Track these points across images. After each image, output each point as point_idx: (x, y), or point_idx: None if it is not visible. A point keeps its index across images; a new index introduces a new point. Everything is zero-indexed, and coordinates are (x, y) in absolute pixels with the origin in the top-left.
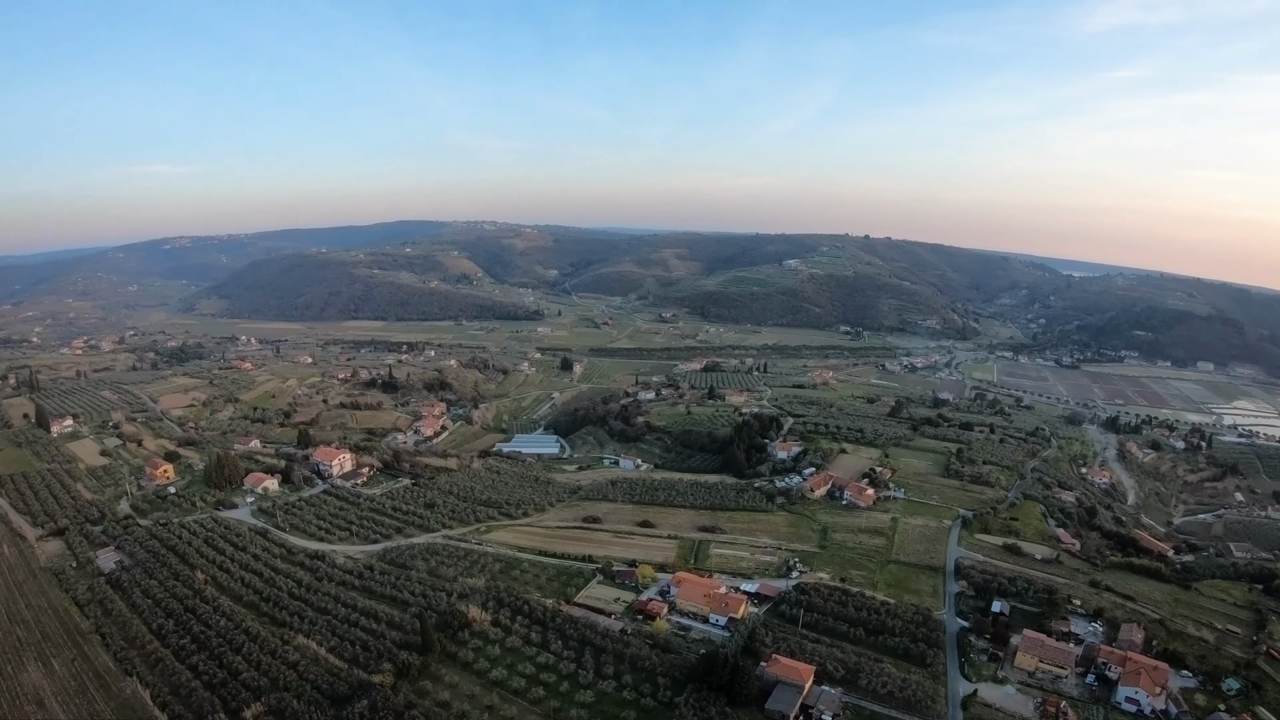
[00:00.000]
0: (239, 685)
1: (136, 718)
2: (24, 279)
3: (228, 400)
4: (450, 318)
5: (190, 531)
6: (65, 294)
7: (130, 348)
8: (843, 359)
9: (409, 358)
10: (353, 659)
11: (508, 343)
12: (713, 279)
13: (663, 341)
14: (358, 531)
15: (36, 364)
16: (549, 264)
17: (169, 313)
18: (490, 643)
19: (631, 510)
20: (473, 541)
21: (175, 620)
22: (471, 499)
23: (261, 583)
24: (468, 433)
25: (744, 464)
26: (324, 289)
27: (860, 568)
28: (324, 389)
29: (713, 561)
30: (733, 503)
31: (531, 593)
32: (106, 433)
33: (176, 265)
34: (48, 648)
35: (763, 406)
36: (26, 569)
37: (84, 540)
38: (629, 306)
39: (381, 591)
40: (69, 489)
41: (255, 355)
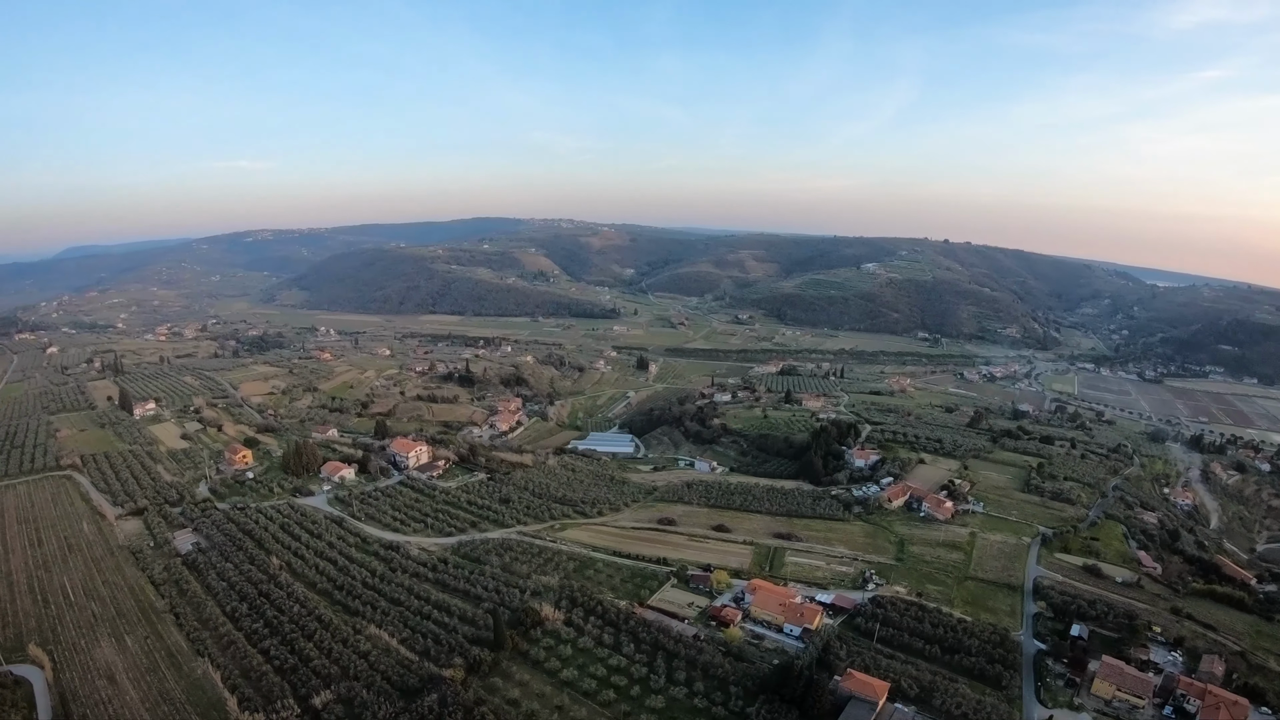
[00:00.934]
0: (309, 672)
1: (206, 698)
2: (110, 267)
3: (306, 389)
4: (527, 314)
5: (267, 517)
6: (150, 282)
7: (212, 335)
8: (920, 366)
9: (486, 353)
10: (424, 651)
11: (583, 340)
12: (790, 281)
13: (739, 343)
14: (432, 524)
15: (121, 349)
16: (625, 263)
17: (250, 303)
18: (562, 642)
19: (707, 514)
20: (547, 539)
21: (249, 604)
22: (546, 496)
23: (336, 570)
24: (543, 429)
25: (821, 471)
26: (402, 283)
27: (937, 583)
28: (401, 381)
29: (788, 570)
30: (809, 510)
31: (605, 593)
32: (187, 417)
33: (258, 257)
34: (122, 624)
35: (840, 412)
36: (105, 546)
37: (162, 521)
38: (705, 307)
39: (455, 585)
40: (149, 470)
41: (334, 346)
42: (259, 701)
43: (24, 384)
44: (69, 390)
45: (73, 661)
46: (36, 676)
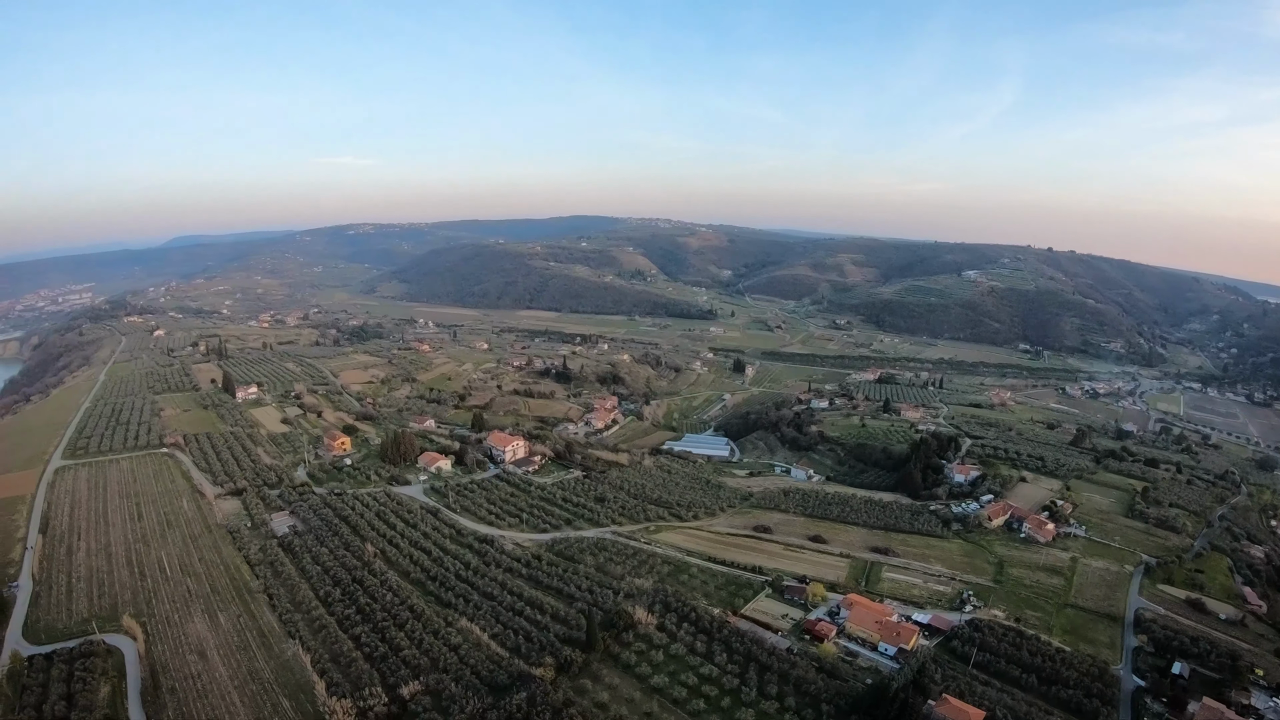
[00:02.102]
0: (399, 661)
1: (294, 680)
2: (217, 256)
3: (405, 380)
4: (623, 313)
5: (363, 504)
6: (254, 271)
7: (314, 324)
8: (1021, 379)
9: (582, 350)
10: (515, 648)
11: (680, 341)
12: (889, 287)
13: (836, 349)
14: (527, 519)
15: (225, 334)
16: (723, 264)
17: (351, 294)
18: (654, 647)
19: (803, 523)
20: (641, 540)
21: (342, 589)
22: (642, 496)
23: (430, 561)
24: (638, 428)
25: (920, 484)
26: (501, 278)
27: (1036, 608)
28: (499, 375)
29: (884, 585)
30: (907, 525)
31: (699, 600)
32: (288, 402)
33: (359, 250)
34: (215, 601)
35: (939, 424)
36: (203, 524)
37: (260, 502)
38: (802, 311)
39: (548, 583)
40: (250, 452)
41: (432, 338)
42: (347, 687)
43: (132, 364)
44: (174, 372)
45: (165, 635)
46: (128, 647)
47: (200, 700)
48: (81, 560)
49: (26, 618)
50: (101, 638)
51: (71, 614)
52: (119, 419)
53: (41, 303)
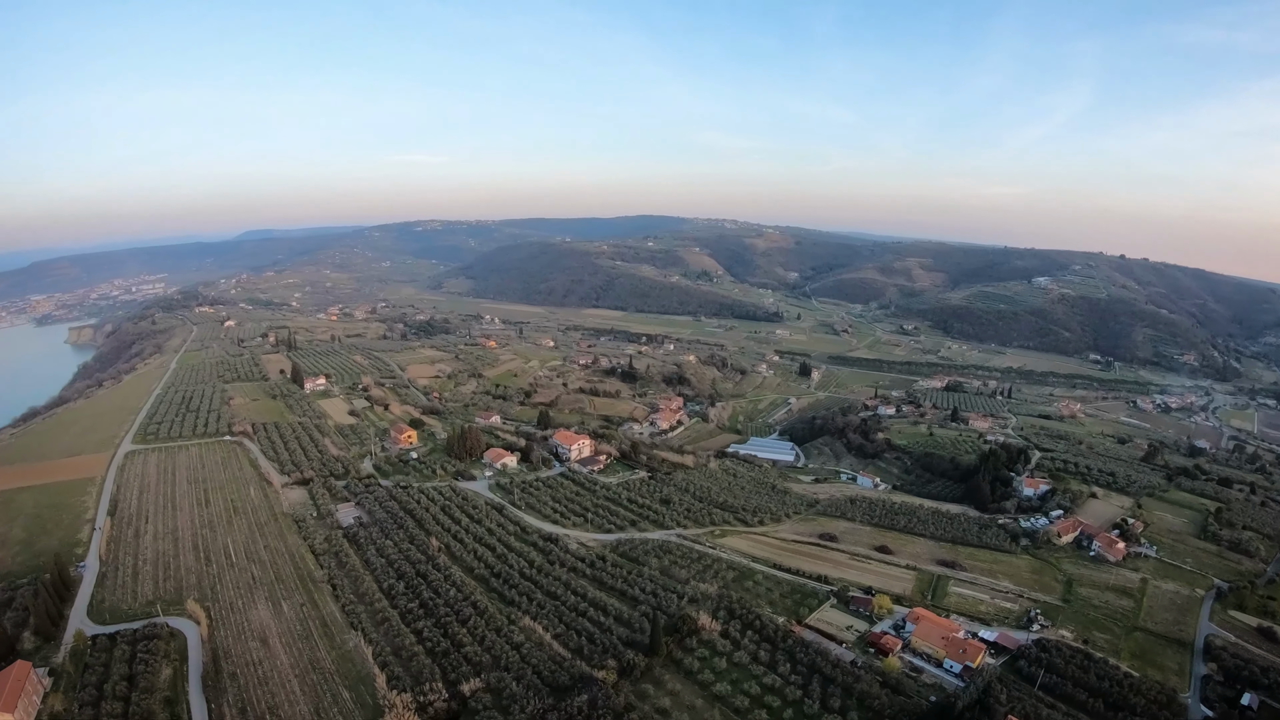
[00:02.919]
0: (460, 657)
1: (355, 672)
2: (287, 250)
3: (471, 375)
4: (689, 313)
5: (428, 497)
6: (324, 265)
7: (381, 318)
8: (1091, 390)
9: (648, 349)
10: (577, 649)
11: (745, 343)
12: (957, 292)
13: (903, 355)
14: (592, 519)
15: (295, 326)
16: (789, 266)
17: (418, 289)
18: (718, 654)
19: (869, 532)
20: (706, 544)
21: (405, 582)
22: (707, 500)
23: (494, 558)
24: (703, 430)
25: (988, 497)
26: (567, 276)
27: (1104, 630)
28: (564, 373)
29: (950, 600)
30: (975, 538)
31: (763, 607)
32: (355, 394)
33: (426, 246)
34: (279, 589)
35: (1008, 435)
36: (269, 512)
37: (326, 493)
38: (869, 315)
39: (612, 584)
40: (317, 443)
41: (499, 334)
42: (408, 681)
43: (202, 353)
44: (244, 361)
45: (228, 620)
46: (191, 631)
47: (260, 687)
48: (148, 543)
49: (92, 598)
50: (165, 621)
51: (136, 596)
52: (189, 406)
53: (116, 291)
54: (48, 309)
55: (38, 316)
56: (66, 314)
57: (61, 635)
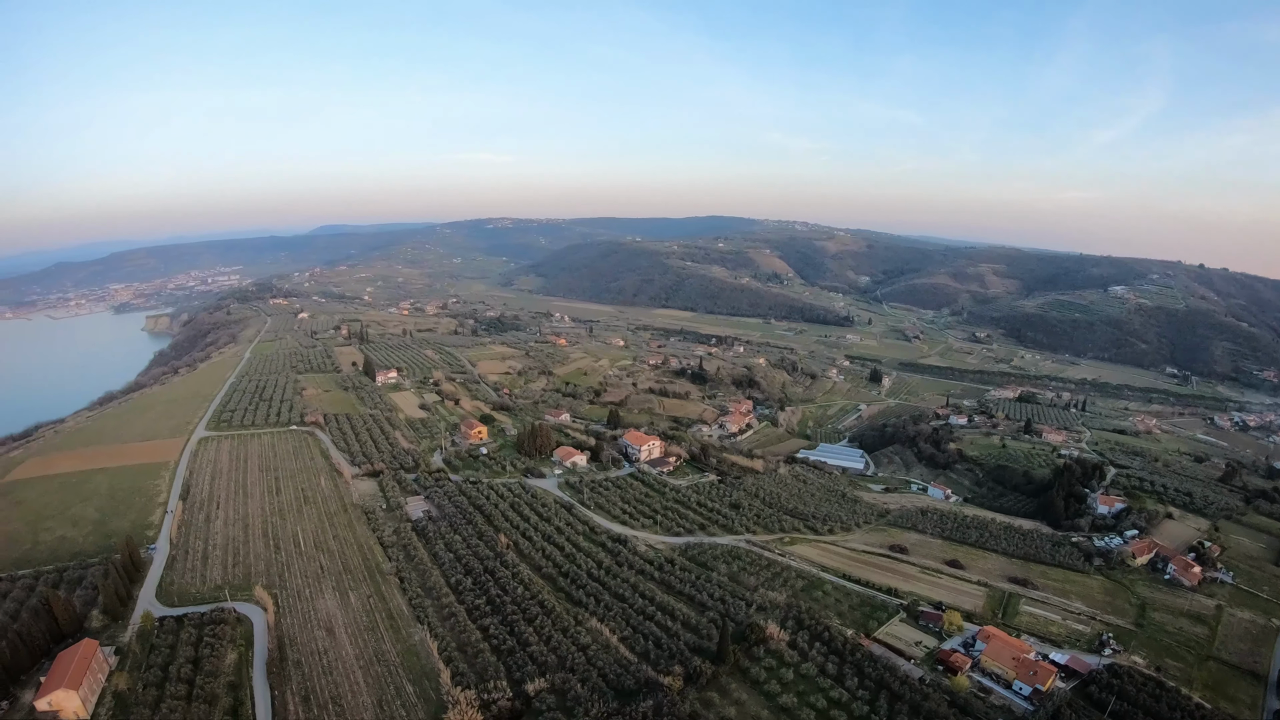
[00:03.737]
0: (526, 656)
1: (420, 666)
2: (359, 245)
3: (541, 372)
4: (759, 315)
5: (498, 494)
6: (395, 260)
7: (452, 313)
8: (1167, 405)
9: (718, 351)
10: (643, 653)
11: (815, 347)
12: (1031, 300)
13: (975, 363)
14: (661, 521)
15: (366, 319)
16: (860, 269)
17: (488, 285)
18: (785, 665)
19: (940, 545)
20: (775, 552)
21: (473, 578)
22: (777, 506)
23: (562, 557)
24: (772, 434)
25: (1061, 513)
26: (637, 276)
27: (1177, 658)
28: (634, 372)
29: (1022, 619)
30: (1047, 556)
31: (832, 619)
32: (426, 388)
33: (497, 243)
34: (347, 580)
35: (1082, 450)
36: (339, 503)
37: (396, 485)
38: (941, 321)
39: (680, 589)
40: (388, 435)
41: (569, 333)
42: (472, 678)
43: (276, 344)
44: (317, 353)
45: (295, 608)
46: (258, 617)
47: (325, 676)
48: (219, 529)
49: (161, 579)
50: (233, 606)
51: (205, 580)
52: (262, 395)
53: (192, 282)
54: (126, 298)
55: (116, 305)
56: (144, 303)
57: (130, 615)
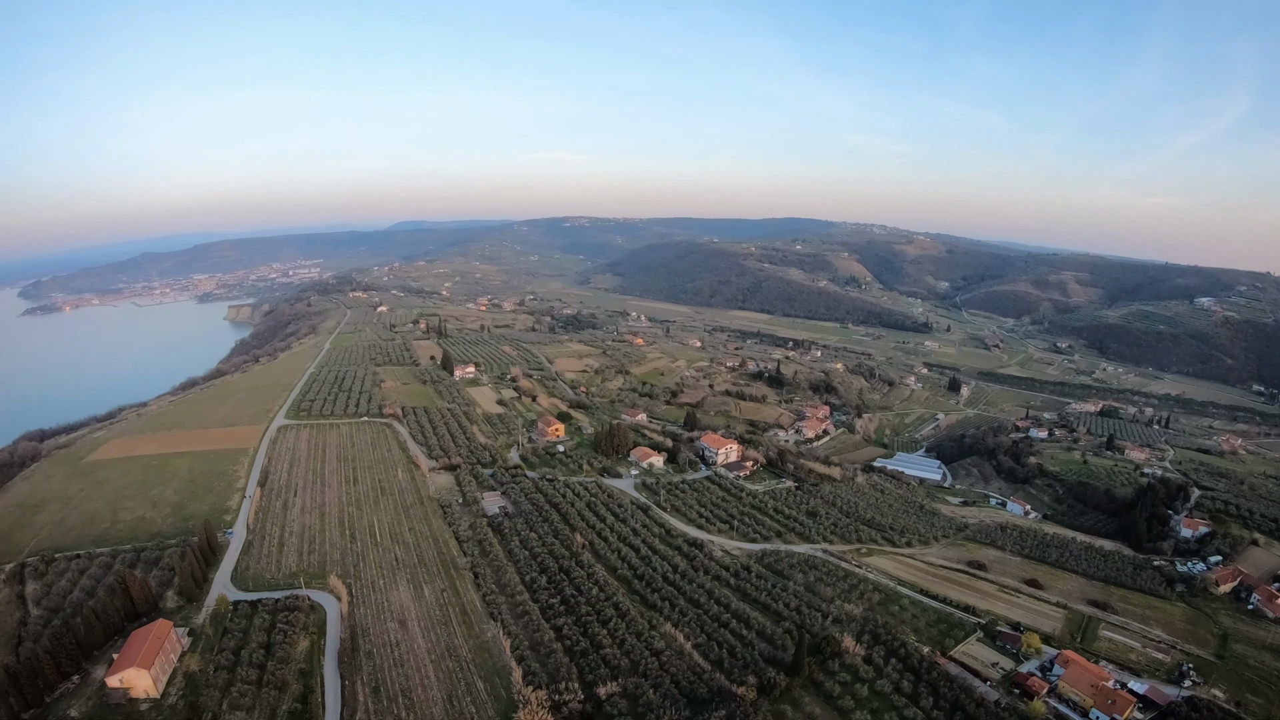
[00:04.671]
0: (599, 659)
1: (491, 663)
2: (437, 241)
3: (618, 371)
4: (836, 320)
5: (574, 492)
6: (473, 257)
7: (529, 310)
8: (1253, 425)
9: (795, 355)
10: (717, 661)
11: (893, 353)
12: (1114, 310)
13: (1056, 374)
14: (737, 527)
15: (445, 314)
16: (940, 275)
17: (565, 283)
18: (860, 681)
19: (1019, 564)
20: (852, 563)
21: (548, 577)
22: (854, 515)
23: (638, 559)
24: (848, 441)
25: (1144, 535)
26: (714, 277)
27: (1258, 693)
28: (711, 374)
29: (1100, 645)
30: (1128, 579)
31: (908, 635)
32: (504, 384)
33: (573, 241)
34: (421, 573)
35: (1165, 469)
36: (415, 495)
37: (473, 480)
38: (1021, 330)
39: (755, 596)
40: (465, 430)
41: (645, 332)
42: (544, 678)
43: (355, 336)
44: (395, 346)
45: (368, 599)
46: (331, 606)
47: (396, 669)
48: (295, 516)
49: (237, 564)
50: (307, 593)
51: (280, 566)
52: (341, 386)
53: (273, 274)
54: (209, 288)
55: (199, 294)
56: (226, 293)
57: (204, 598)
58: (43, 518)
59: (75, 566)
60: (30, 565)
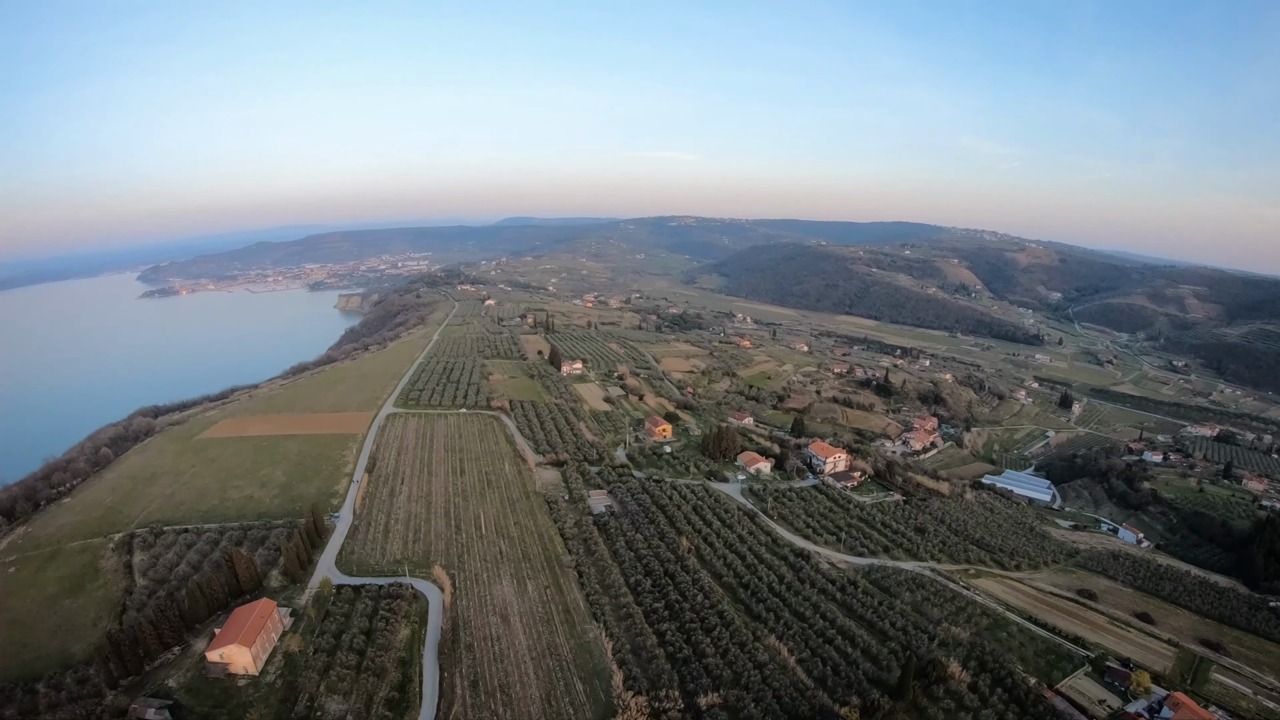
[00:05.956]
0: (701, 668)
1: (592, 665)
2: (544, 237)
3: (725, 373)
4: (945, 328)
5: (680, 495)
6: (579, 254)
7: (635, 308)
8: None
9: (903, 363)
10: (820, 679)
11: (1003, 365)
12: (1234, 329)
13: (1171, 395)
14: (844, 539)
15: (551, 309)
16: (1052, 285)
17: (670, 282)
18: (964, 709)
19: (1130, 595)
20: (960, 583)
21: (653, 580)
22: (963, 534)
23: (743, 567)
24: (956, 455)
25: (1260, 572)
26: (821, 281)
27: None
28: (818, 380)
29: (1210, 688)
30: (1243, 620)
31: (1015, 664)
32: (610, 382)
33: (679, 241)
34: (525, 568)
35: None
36: (521, 489)
37: (580, 477)
38: (1135, 346)
39: (861, 613)
40: (572, 426)
41: (752, 334)
42: (644, 684)
43: (463, 328)
44: (503, 339)
45: (471, 591)
46: (434, 596)
47: (495, 663)
48: (401, 504)
49: (342, 548)
50: (410, 582)
51: (385, 553)
52: (449, 377)
53: (382, 265)
54: (320, 277)
55: (311, 283)
56: (337, 283)
57: (308, 579)
58: (153, 491)
59: (182, 540)
60: (139, 536)
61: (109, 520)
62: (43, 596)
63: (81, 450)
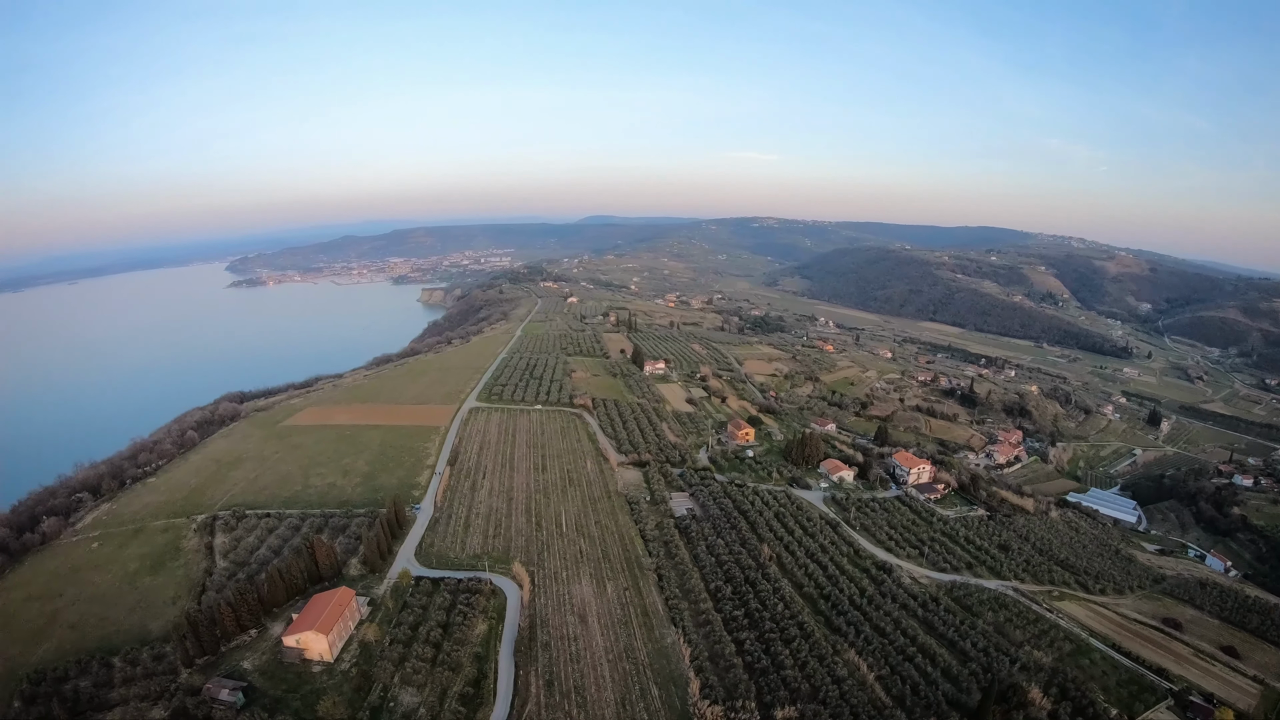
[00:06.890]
0: (779, 680)
1: (669, 671)
2: (626, 236)
3: (808, 378)
4: (1031, 338)
5: (763, 500)
6: (661, 253)
7: (717, 309)
8: None
9: (988, 373)
10: (899, 698)
11: (1089, 378)
12: None
13: (1263, 415)
14: (927, 554)
15: (634, 308)
16: (1142, 295)
17: (752, 284)
18: None
19: (1217, 627)
20: (1043, 606)
21: (733, 587)
22: (1048, 554)
23: (824, 578)
24: (1040, 471)
25: None
26: (904, 286)
27: None
28: (901, 387)
29: None
30: None
31: (1097, 693)
32: (693, 383)
33: (761, 242)
34: (605, 569)
35: None
36: (603, 488)
37: (661, 479)
38: (1227, 362)
39: (943, 632)
40: (655, 426)
41: (834, 339)
42: (720, 693)
43: (545, 325)
44: (586, 337)
45: (549, 590)
46: (513, 593)
47: (571, 664)
48: (482, 498)
49: (422, 540)
50: (489, 577)
51: (464, 547)
52: (532, 373)
53: (465, 261)
54: (404, 271)
55: (394, 276)
56: (420, 277)
57: (387, 570)
58: (237, 474)
59: (264, 524)
60: (221, 519)
61: (192, 501)
62: (124, 573)
63: (168, 432)
